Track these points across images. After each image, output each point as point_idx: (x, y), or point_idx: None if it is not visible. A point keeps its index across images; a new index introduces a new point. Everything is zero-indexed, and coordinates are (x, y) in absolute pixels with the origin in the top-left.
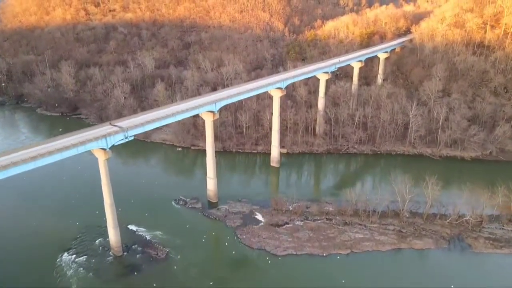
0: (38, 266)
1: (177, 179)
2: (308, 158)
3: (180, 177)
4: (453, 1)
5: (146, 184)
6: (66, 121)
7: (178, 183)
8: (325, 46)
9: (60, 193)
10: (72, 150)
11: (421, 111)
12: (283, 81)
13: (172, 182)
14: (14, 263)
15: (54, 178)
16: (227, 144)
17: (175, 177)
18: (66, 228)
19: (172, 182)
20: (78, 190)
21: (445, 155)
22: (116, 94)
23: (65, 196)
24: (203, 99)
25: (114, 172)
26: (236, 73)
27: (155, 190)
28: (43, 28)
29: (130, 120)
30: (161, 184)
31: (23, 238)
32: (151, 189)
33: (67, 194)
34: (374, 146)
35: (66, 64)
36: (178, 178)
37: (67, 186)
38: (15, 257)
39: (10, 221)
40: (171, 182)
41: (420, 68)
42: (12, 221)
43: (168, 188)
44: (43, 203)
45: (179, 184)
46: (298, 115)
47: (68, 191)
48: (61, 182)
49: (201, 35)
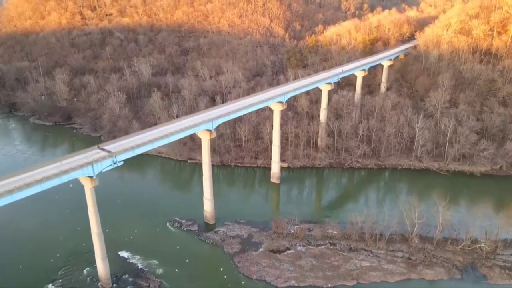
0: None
1: (172, 196)
2: (310, 173)
3: (176, 193)
4: (458, 7)
5: (139, 202)
6: (59, 131)
7: (173, 201)
8: (327, 53)
9: (45, 217)
10: (54, 180)
11: (427, 124)
12: (284, 94)
13: (167, 199)
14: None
15: (39, 200)
16: (226, 157)
17: (170, 193)
18: (52, 256)
19: (167, 199)
20: (66, 212)
21: (453, 170)
22: (110, 104)
23: (52, 220)
24: (199, 117)
25: (106, 188)
26: (235, 81)
27: (149, 208)
28: (38, 33)
29: (119, 142)
30: (155, 201)
31: (4, 268)
32: (145, 208)
33: (53, 218)
34: (379, 160)
35: (60, 72)
36: (173, 194)
37: (53, 208)
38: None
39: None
40: (166, 200)
41: (425, 76)
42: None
43: (163, 207)
44: (26, 228)
45: (175, 202)
46: (299, 127)
47: (54, 214)
48: (46, 204)
49: (199, 40)
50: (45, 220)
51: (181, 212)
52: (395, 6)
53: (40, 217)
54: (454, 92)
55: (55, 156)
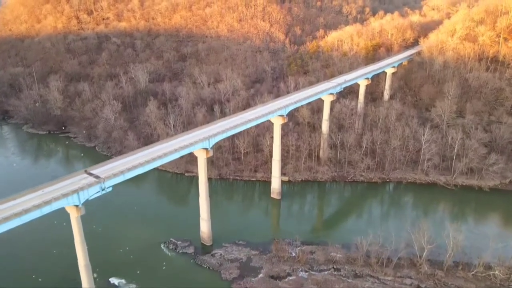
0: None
1: (168, 212)
2: (312, 187)
3: (172, 209)
4: (462, 12)
5: (133, 219)
6: (53, 140)
7: (169, 218)
8: (328, 59)
9: (31, 244)
10: (35, 212)
11: (434, 137)
12: (285, 107)
13: (163, 215)
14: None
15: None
16: (224, 171)
17: (166, 209)
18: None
19: (162, 216)
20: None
21: (461, 184)
22: (105, 113)
23: (38, 247)
24: (196, 134)
25: (97, 202)
26: (234, 89)
27: (143, 227)
28: (33, 38)
29: (109, 165)
30: (150, 218)
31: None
32: (139, 226)
33: (39, 245)
34: (383, 174)
35: (54, 79)
36: (169, 210)
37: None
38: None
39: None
40: (161, 216)
41: (430, 84)
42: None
43: (158, 224)
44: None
45: (170, 219)
46: (300, 139)
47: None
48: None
49: (198, 46)
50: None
51: (176, 231)
52: (397, 9)
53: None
54: (460, 101)
55: (48, 168)
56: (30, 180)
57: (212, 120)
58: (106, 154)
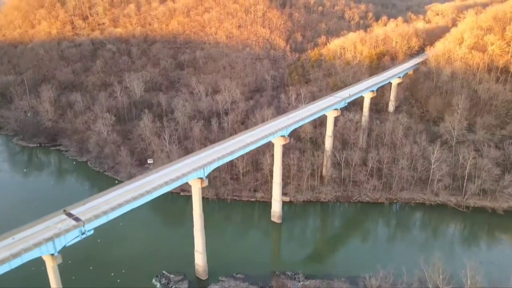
0: None
1: (161, 239)
2: (314, 208)
3: (165, 236)
4: (470, 19)
5: (123, 246)
6: (44, 153)
7: (162, 246)
8: (331, 68)
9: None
10: (3, 266)
11: (444, 155)
12: (287, 128)
13: (155, 244)
14: None
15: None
16: (221, 191)
17: (158, 236)
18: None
19: (154, 244)
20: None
21: (472, 206)
22: (98, 127)
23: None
24: (190, 162)
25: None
26: (233, 100)
27: (133, 257)
28: (27, 44)
29: (91, 204)
30: (140, 247)
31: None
32: (128, 256)
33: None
34: (390, 194)
35: (46, 89)
36: (162, 237)
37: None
38: None
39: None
40: (153, 244)
41: (437, 95)
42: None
43: (150, 254)
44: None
45: (163, 247)
46: (303, 157)
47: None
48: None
49: (195, 53)
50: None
51: (169, 263)
52: (400, 14)
53: None
54: (469, 114)
55: (37, 188)
56: (18, 205)
57: (210, 135)
58: (98, 170)
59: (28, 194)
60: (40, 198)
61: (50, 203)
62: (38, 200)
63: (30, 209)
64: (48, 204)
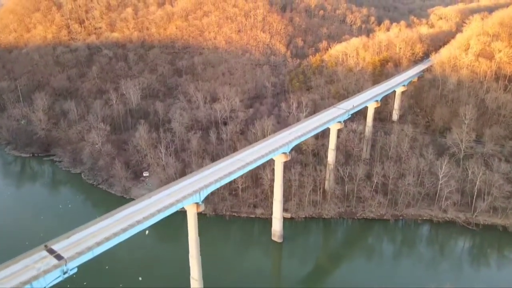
0: None
1: (154, 261)
2: (317, 225)
3: (158, 258)
4: (476, 24)
5: (114, 272)
6: (37, 164)
7: (155, 270)
8: (333, 74)
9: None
10: None
11: (453, 171)
12: (288, 144)
13: (150, 266)
14: None
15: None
16: (219, 206)
17: (151, 258)
18: None
19: (149, 266)
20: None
21: (482, 223)
22: (92, 138)
23: None
24: (184, 186)
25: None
26: (232, 109)
27: (126, 281)
28: (22, 48)
29: (76, 236)
30: (133, 268)
31: None
32: (121, 280)
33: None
34: (396, 210)
35: (39, 97)
36: (155, 259)
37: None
38: None
39: None
40: (148, 266)
41: (442, 104)
42: None
43: (143, 279)
44: None
45: (157, 271)
46: (304, 171)
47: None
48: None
49: (194, 59)
50: None
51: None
52: (402, 17)
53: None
54: (477, 124)
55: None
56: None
57: (208, 146)
58: (92, 183)
59: (18, 209)
60: (32, 213)
61: (40, 222)
62: (29, 214)
63: (19, 227)
64: (38, 223)
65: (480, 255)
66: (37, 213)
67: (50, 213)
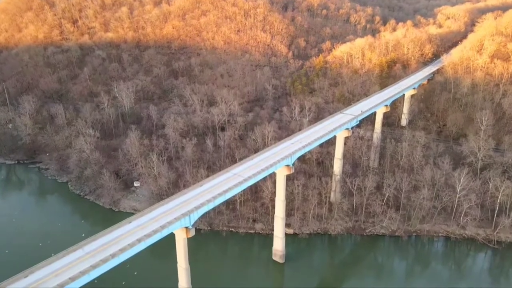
0: None
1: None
2: (322, 242)
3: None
4: (489, 24)
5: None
6: (22, 172)
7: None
8: (337, 76)
9: None
10: None
11: (472, 184)
12: (291, 156)
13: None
14: None
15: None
16: (216, 221)
17: (142, 278)
18: None
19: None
20: None
21: (504, 241)
22: (79, 145)
23: None
24: (173, 207)
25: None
26: (230, 114)
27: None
28: (12, 49)
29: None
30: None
31: None
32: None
33: None
34: (409, 225)
35: (26, 100)
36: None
37: None
38: None
39: None
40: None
41: (456, 109)
42: None
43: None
44: None
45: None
46: (309, 182)
47: None
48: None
49: (191, 60)
50: None
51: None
52: (408, 17)
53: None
54: (493, 130)
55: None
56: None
57: (203, 154)
58: (79, 194)
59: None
60: (13, 230)
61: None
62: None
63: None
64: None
65: (501, 275)
66: (20, 229)
67: (33, 229)
